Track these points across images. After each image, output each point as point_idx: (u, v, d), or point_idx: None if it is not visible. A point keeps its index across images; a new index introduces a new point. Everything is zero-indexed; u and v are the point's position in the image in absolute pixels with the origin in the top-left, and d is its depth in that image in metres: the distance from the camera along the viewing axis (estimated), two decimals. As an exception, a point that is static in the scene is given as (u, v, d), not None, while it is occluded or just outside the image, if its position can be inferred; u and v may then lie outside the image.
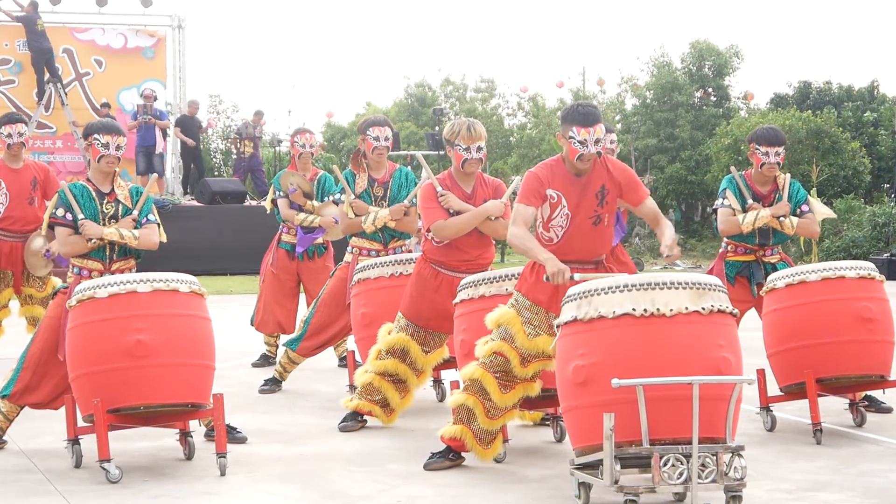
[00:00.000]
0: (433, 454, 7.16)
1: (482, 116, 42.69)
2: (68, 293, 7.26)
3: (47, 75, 24.47)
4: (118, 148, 7.49)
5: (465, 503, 6.38)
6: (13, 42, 24.70)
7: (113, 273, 7.39)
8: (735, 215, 8.56)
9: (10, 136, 10.14)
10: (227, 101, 44.63)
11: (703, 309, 5.96)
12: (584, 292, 6.09)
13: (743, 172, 8.77)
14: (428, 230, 7.89)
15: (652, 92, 37.06)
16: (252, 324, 11.23)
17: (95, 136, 7.46)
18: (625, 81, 40.41)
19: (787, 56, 72.33)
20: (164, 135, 24.59)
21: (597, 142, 6.64)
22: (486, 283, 7.48)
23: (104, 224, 7.43)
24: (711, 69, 37.03)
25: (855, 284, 7.95)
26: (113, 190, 7.55)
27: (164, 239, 7.69)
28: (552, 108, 41.37)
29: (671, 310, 5.91)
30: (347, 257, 9.49)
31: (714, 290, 6.04)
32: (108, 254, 7.46)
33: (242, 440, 7.82)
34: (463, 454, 7.11)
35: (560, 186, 6.73)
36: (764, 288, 8.28)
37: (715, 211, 8.79)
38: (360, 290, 8.90)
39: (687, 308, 5.93)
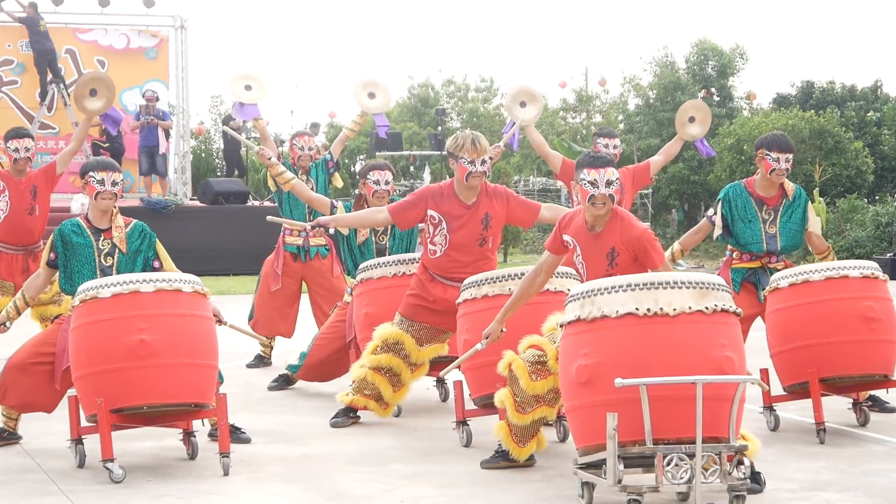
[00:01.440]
0: (495, 454, 7.13)
1: (484, 117, 42.72)
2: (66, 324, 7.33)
3: (50, 76, 24.45)
4: (114, 184, 7.52)
5: (469, 503, 6.37)
6: (16, 43, 24.68)
7: None
8: (712, 230, 8.75)
9: (16, 150, 10.20)
10: (228, 102, 44.67)
11: (707, 308, 5.95)
12: (587, 292, 6.09)
13: (744, 181, 8.77)
14: (430, 241, 7.97)
15: (655, 92, 37.06)
16: (248, 322, 11.21)
17: (91, 173, 7.51)
18: (628, 81, 40.46)
19: (790, 56, 72.36)
20: (167, 135, 24.57)
21: (608, 183, 6.63)
22: (489, 283, 7.49)
23: (100, 260, 7.45)
24: (715, 69, 37.02)
25: (858, 284, 7.94)
26: (110, 228, 7.55)
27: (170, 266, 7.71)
28: (555, 108, 41.38)
29: (674, 309, 5.91)
30: (347, 298, 9.47)
31: (717, 289, 6.04)
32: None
33: (247, 440, 7.82)
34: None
35: (576, 236, 6.78)
36: (767, 288, 8.27)
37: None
38: (363, 289, 8.90)
39: (690, 307, 5.93)
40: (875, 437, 8.01)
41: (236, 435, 7.73)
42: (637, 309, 5.92)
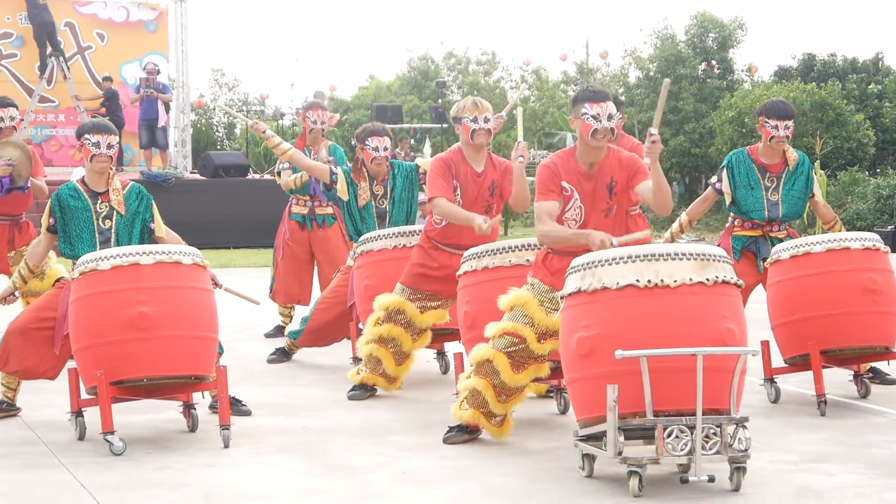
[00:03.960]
0: (451, 428, 7.13)
1: (485, 90, 42.66)
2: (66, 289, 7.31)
3: (49, 49, 24.40)
4: (109, 146, 7.50)
5: (469, 475, 6.38)
6: (15, 16, 24.63)
7: None
8: (718, 197, 8.70)
9: (1, 119, 10.10)
10: (228, 75, 44.65)
11: (708, 280, 5.94)
12: (587, 263, 6.07)
13: (747, 148, 8.74)
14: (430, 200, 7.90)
15: (655, 64, 36.95)
16: (269, 294, 11.29)
17: (86, 136, 7.49)
18: (628, 54, 40.38)
19: (791, 28, 72.18)
20: (167, 108, 24.54)
21: (609, 117, 6.62)
22: (489, 255, 7.47)
23: (98, 223, 7.43)
24: (715, 41, 36.92)
25: (860, 256, 7.92)
26: (108, 191, 7.54)
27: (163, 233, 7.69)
28: (555, 81, 41.32)
29: (675, 281, 5.89)
30: (349, 261, 9.49)
31: (718, 260, 6.02)
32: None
33: (247, 413, 7.82)
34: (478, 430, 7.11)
35: (573, 179, 6.72)
36: (768, 259, 8.25)
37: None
38: (364, 261, 8.90)
39: (691, 279, 5.91)
40: (876, 409, 8.01)
41: (237, 407, 7.73)
42: (638, 280, 5.90)
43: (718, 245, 8.71)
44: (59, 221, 7.48)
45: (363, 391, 8.51)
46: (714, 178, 8.72)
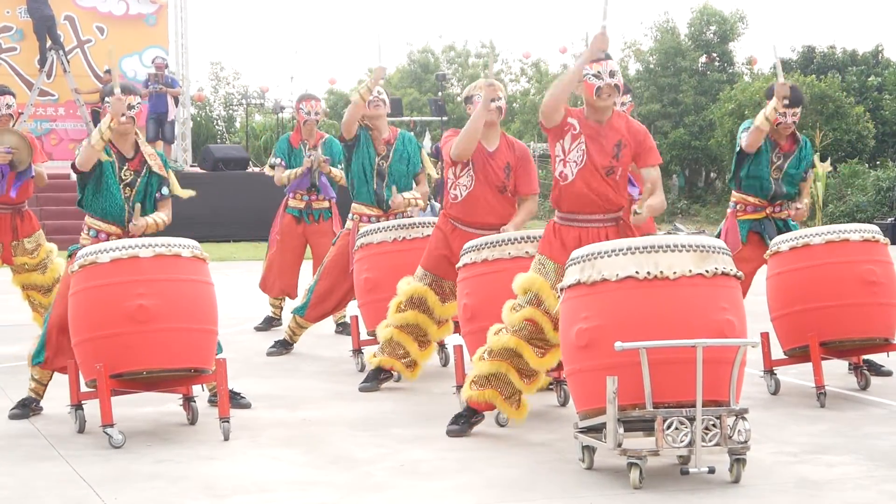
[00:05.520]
0: (455, 418, 7.10)
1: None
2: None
3: (49, 43, 24.37)
4: (130, 107, 7.41)
5: (470, 467, 6.38)
6: (14, 9, 24.60)
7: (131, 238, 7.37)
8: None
9: None
10: (228, 69, 44.59)
11: (707, 272, 5.93)
12: (587, 255, 6.07)
13: None
14: (452, 187, 7.94)
15: (655, 57, 36.95)
16: (260, 285, 11.34)
17: (108, 99, 7.41)
18: (628, 47, 40.33)
19: (791, 21, 72.07)
20: (176, 102, 24.51)
21: (612, 74, 6.60)
22: (489, 247, 7.46)
23: (121, 189, 7.40)
24: (716, 34, 36.90)
25: (859, 247, 7.92)
26: (135, 157, 7.50)
27: (181, 193, 7.67)
28: (555, 73, 41.25)
29: (675, 272, 5.89)
30: (349, 224, 9.57)
31: (718, 252, 6.02)
32: (126, 217, 7.44)
33: (246, 406, 7.82)
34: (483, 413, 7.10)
35: (581, 125, 6.68)
36: (768, 251, 8.26)
37: (738, 156, 8.69)
38: (363, 254, 8.91)
39: (690, 271, 5.91)
40: (875, 401, 8.02)
41: (236, 400, 7.73)
42: (637, 272, 5.90)
43: (725, 230, 8.74)
44: (98, 168, 7.37)
45: (375, 381, 8.49)
46: (742, 135, 8.62)
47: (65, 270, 7.55)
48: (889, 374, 8.80)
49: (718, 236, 8.73)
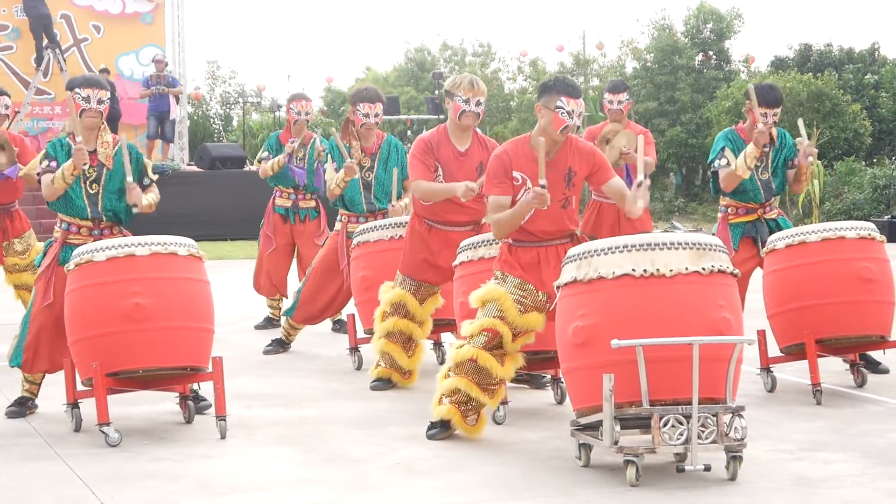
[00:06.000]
0: (433, 424, 7.08)
1: (482, 81, 42.56)
2: (56, 245, 7.27)
3: (46, 41, 24.35)
4: (100, 102, 7.36)
5: (466, 465, 6.38)
6: (10, 8, 24.59)
7: (102, 230, 7.35)
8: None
9: None
10: (224, 68, 44.55)
11: (703, 269, 5.93)
12: (583, 253, 6.07)
13: (734, 127, 8.79)
14: None
15: (652, 55, 36.93)
16: (254, 286, 11.37)
17: (77, 89, 7.35)
18: (625, 45, 40.33)
19: (787, 18, 72.10)
20: (177, 100, 24.49)
21: (579, 115, 6.60)
22: (485, 245, 7.46)
23: (85, 187, 7.33)
24: (713, 32, 36.89)
25: (855, 245, 7.93)
26: (96, 149, 7.41)
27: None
28: (552, 71, 41.23)
29: (671, 270, 5.89)
30: (338, 226, 9.58)
31: (714, 250, 6.02)
32: (97, 210, 7.38)
33: (207, 407, 7.60)
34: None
35: (525, 168, 6.63)
36: (764, 249, 8.27)
37: (714, 173, 8.69)
38: (360, 252, 8.92)
39: (687, 268, 5.91)
40: (872, 398, 8.02)
41: (201, 403, 7.56)
42: (633, 270, 5.90)
43: (716, 236, 8.72)
44: (58, 162, 7.29)
45: (384, 382, 8.52)
46: (716, 162, 8.61)
47: (41, 266, 7.45)
48: (886, 371, 8.80)
49: None
